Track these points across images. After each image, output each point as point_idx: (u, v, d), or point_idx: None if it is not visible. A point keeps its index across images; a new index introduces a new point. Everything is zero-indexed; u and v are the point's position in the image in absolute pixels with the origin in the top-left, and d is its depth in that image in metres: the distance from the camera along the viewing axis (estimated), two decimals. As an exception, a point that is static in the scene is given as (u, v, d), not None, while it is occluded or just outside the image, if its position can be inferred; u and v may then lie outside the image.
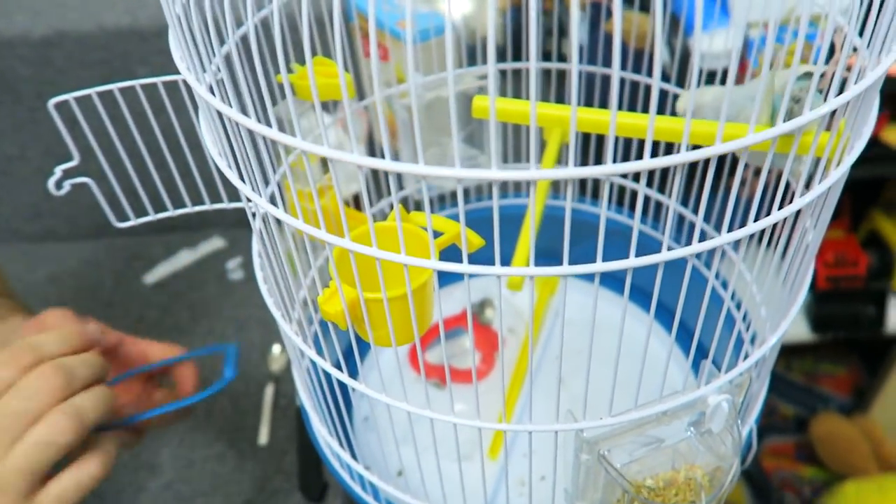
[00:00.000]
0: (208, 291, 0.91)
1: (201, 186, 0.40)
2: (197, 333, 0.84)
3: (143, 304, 0.89)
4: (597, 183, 0.64)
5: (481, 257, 0.29)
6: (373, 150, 0.70)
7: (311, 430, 0.50)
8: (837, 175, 0.30)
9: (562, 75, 0.62)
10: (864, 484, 1.10)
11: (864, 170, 0.66)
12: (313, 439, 0.50)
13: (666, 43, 0.84)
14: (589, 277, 0.27)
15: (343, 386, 0.37)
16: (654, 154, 0.23)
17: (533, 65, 0.20)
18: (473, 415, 0.34)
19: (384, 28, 0.67)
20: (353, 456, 0.44)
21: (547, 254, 0.32)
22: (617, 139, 0.24)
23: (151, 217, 0.40)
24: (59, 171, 0.35)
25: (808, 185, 0.29)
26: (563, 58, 0.64)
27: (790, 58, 0.29)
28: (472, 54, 0.65)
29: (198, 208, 0.42)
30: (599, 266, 0.25)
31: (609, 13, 0.97)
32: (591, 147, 0.60)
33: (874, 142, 0.88)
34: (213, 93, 0.29)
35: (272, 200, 0.31)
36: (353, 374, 0.36)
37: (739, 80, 0.81)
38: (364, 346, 0.53)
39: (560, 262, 0.26)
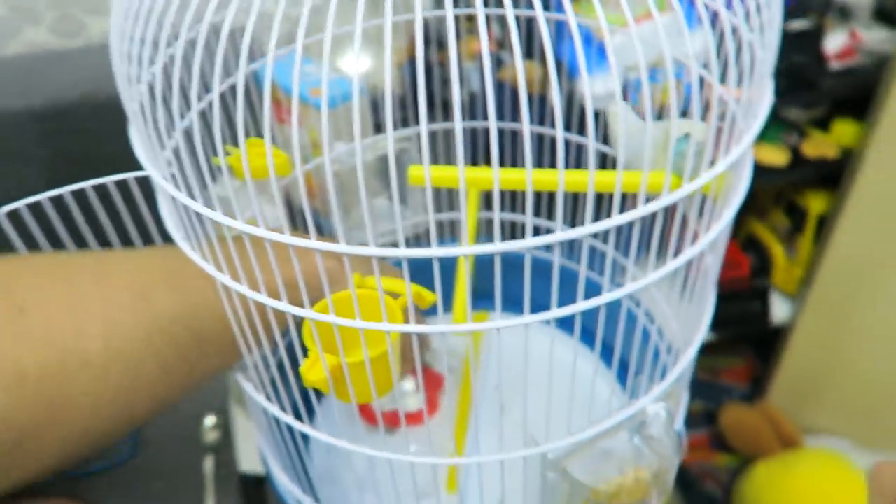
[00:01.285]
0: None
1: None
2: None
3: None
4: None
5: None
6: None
7: (274, 482, 0.51)
8: (731, 213, 0.36)
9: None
10: (771, 463, 1.20)
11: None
12: (276, 489, 0.51)
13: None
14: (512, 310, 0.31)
15: (304, 437, 0.39)
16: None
17: (423, 129, 0.24)
18: (428, 453, 0.37)
19: (291, 95, 0.70)
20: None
21: (481, 294, 0.36)
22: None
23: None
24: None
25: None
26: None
27: (664, 95, 0.34)
28: (375, 108, 0.68)
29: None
30: (554, 313, 0.29)
31: (500, 61, 1.05)
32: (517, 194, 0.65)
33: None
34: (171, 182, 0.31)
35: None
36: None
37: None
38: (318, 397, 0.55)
39: (491, 302, 0.30)
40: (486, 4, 0.28)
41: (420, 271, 0.34)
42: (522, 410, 0.34)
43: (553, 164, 0.32)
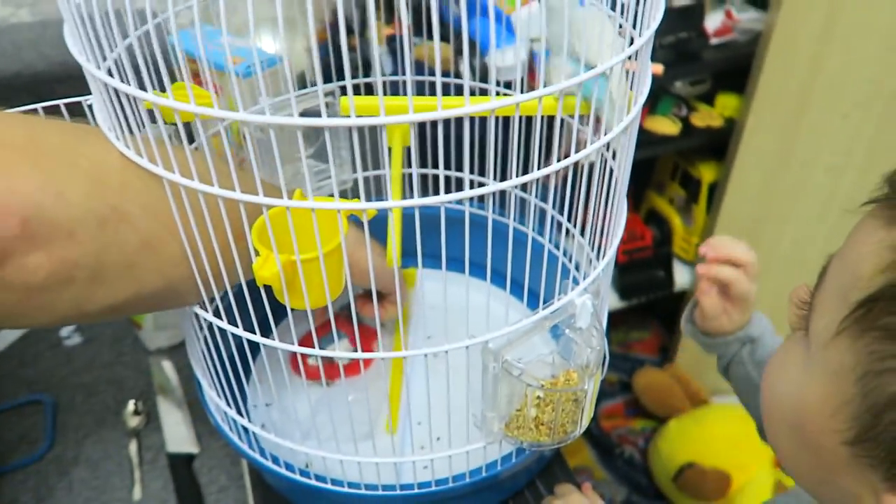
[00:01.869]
0: (44, 364, 0.84)
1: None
2: (40, 416, 0.78)
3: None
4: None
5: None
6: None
7: (206, 404, 0.52)
8: (631, 117, 0.40)
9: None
10: (683, 419, 1.29)
11: (637, 154, 0.81)
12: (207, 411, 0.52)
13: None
14: (437, 265, 0.35)
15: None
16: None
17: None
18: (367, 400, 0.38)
19: (211, 65, 0.70)
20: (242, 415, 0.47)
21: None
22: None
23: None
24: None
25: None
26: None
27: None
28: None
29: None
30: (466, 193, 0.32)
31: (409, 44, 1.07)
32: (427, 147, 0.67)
33: (641, 130, 1.06)
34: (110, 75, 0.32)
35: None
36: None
37: (531, 87, 0.95)
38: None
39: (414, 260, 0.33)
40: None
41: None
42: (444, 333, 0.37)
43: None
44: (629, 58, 0.38)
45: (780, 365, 0.36)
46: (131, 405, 0.78)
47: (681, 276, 1.33)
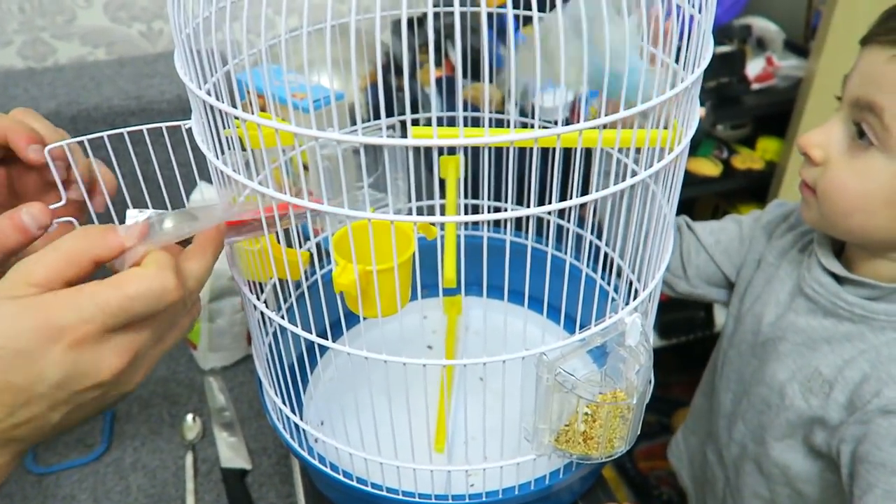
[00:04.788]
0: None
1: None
2: (99, 420, 0.82)
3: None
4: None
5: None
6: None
7: (265, 402, 0.55)
8: (678, 150, 0.43)
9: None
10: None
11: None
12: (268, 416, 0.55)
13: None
14: (479, 292, 0.37)
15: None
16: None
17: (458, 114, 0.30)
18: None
19: (277, 100, 0.75)
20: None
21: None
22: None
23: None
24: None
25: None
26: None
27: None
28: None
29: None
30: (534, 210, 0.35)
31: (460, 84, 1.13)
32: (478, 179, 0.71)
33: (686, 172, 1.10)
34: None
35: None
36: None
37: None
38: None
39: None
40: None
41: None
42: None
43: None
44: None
45: (855, 172, 0.53)
46: (189, 419, 0.81)
47: (720, 317, 1.34)
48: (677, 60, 0.43)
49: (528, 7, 0.36)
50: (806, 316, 0.61)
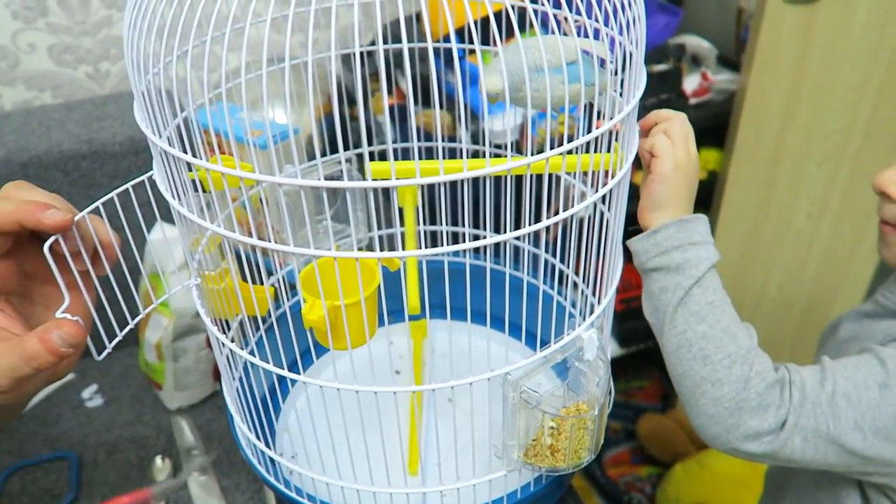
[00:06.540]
0: (66, 424, 0.87)
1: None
2: (64, 469, 0.81)
3: (-2, 448, 0.82)
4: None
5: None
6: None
7: (237, 437, 0.56)
8: (623, 172, 0.46)
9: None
10: (688, 463, 1.31)
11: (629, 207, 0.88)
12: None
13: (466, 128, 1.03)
14: (442, 315, 0.39)
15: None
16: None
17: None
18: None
19: (228, 137, 0.76)
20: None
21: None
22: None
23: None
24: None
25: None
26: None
27: (562, 127, 0.45)
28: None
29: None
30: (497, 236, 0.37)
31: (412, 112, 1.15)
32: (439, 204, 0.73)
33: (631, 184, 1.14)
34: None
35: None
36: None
37: (519, 148, 1.02)
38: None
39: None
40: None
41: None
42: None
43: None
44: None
45: None
46: (158, 461, 0.81)
47: (676, 323, 1.38)
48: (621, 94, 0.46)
49: (472, 41, 0.38)
50: None
